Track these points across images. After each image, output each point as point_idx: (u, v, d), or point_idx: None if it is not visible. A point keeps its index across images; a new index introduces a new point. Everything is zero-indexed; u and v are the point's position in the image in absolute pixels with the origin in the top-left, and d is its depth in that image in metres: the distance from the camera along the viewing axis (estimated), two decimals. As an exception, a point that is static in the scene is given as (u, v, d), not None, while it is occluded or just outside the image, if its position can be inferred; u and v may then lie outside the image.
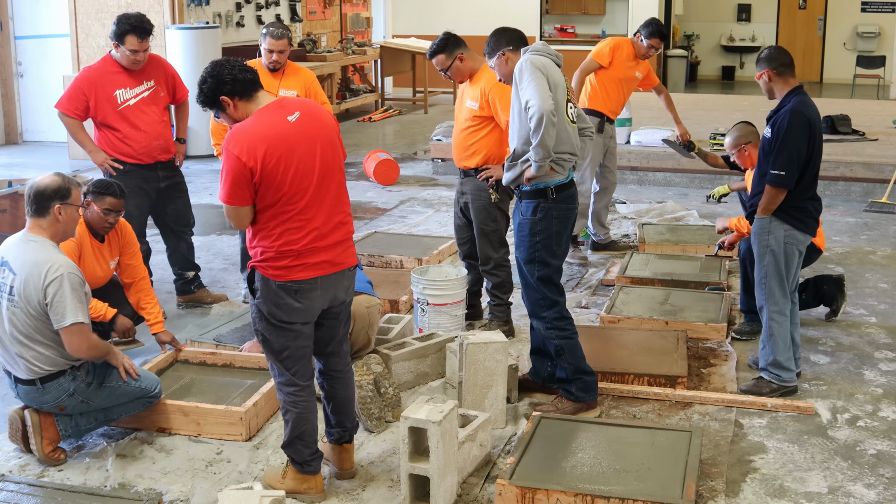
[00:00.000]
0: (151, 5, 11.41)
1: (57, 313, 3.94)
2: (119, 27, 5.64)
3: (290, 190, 3.51)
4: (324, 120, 3.68)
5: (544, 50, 4.48)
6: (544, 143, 4.26)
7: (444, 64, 5.30)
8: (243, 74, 3.56)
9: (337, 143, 3.72)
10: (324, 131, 3.64)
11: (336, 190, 3.67)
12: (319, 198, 3.59)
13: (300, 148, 3.53)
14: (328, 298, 3.71)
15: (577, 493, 3.61)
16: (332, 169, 3.64)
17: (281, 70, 6.21)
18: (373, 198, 9.33)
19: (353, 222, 3.86)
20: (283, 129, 3.52)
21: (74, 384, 4.09)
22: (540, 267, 4.44)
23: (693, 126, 11.27)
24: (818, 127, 4.66)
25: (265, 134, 3.48)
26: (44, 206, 4.07)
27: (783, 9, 20.50)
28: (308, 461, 3.82)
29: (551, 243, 4.44)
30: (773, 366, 4.75)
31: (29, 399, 4.12)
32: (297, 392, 3.76)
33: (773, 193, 4.62)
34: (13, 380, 4.12)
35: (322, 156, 3.60)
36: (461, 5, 17.76)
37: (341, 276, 3.72)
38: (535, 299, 4.49)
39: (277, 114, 3.55)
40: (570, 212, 4.50)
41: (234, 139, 3.49)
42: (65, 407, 4.12)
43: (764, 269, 4.73)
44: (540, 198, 4.41)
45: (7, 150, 12.05)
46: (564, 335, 4.48)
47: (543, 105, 4.23)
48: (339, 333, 3.88)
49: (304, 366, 3.76)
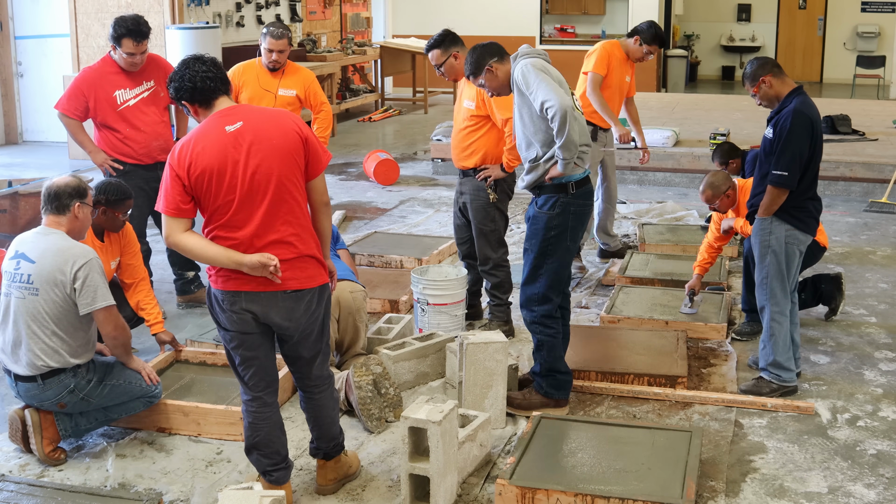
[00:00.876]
0: (151, 5, 11.41)
1: (87, 297, 4.03)
2: (115, 30, 5.64)
3: (218, 201, 3.44)
4: (276, 132, 3.49)
5: (534, 52, 4.49)
6: (571, 139, 4.25)
7: (439, 59, 5.31)
8: (204, 83, 3.49)
9: (291, 158, 3.49)
10: (270, 143, 3.46)
11: (275, 206, 3.47)
12: (247, 211, 3.44)
13: (230, 159, 3.41)
14: (264, 317, 3.53)
15: (577, 493, 3.61)
16: (268, 183, 3.44)
17: (281, 70, 6.24)
18: (373, 198, 9.33)
19: (355, 222, 3.82)
20: (216, 138, 3.43)
21: (75, 381, 4.10)
22: (551, 261, 4.43)
23: (693, 126, 11.30)
24: (819, 127, 4.66)
25: (195, 143, 3.44)
26: (64, 203, 4.17)
27: (783, 9, 20.49)
28: (269, 471, 3.72)
29: (566, 238, 4.43)
30: (773, 366, 4.75)
31: (29, 397, 4.12)
32: (249, 402, 3.68)
33: (774, 194, 4.62)
34: (13, 378, 4.13)
35: (258, 169, 3.43)
36: (461, 5, 17.75)
37: (273, 297, 3.50)
38: (532, 292, 4.48)
39: (218, 123, 3.47)
40: (588, 208, 4.52)
41: (174, 148, 3.49)
42: (65, 404, 4.13)
43: (765, 269, 4.73)
44: (560, 193, 4.39)
45: (7, 150, 12.05)
46: (549, 333, 4.50)
47: (563, 102, 4.22)
48: (303, 356, 3.70)
49: (255, 375, 3.64)
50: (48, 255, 4.06)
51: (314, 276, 3.59)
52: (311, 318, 3.62)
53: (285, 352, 3.71)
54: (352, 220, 8.36)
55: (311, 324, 3.63)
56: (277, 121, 3.53)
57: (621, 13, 18.37)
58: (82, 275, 4.02)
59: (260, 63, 6.32)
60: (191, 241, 3.47)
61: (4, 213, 6.57)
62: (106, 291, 4.09)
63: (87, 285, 4.02)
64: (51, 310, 4.04)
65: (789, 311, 4.77)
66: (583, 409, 4.65)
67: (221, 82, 3.53)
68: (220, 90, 3.52)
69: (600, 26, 18.95)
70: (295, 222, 3.53)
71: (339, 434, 3.91)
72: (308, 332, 3.64)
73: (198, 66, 3.50)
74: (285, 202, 3.49)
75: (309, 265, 3.57)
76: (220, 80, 3.52)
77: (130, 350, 4.29)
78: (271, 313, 3.53)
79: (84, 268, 4.03)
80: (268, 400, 3.69)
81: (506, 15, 17.09)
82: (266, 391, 3.68)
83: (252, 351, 3.60)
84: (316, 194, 3.65)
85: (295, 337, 3.63)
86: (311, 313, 3.60)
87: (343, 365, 4.87)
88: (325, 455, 3.89)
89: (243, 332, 3.57)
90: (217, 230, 3.49)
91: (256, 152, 3.44)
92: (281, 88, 6.25)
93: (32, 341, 4.05)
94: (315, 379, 3.77)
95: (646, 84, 17.11)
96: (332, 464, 3.90)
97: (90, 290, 4.03)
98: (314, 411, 3.83)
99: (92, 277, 4.03)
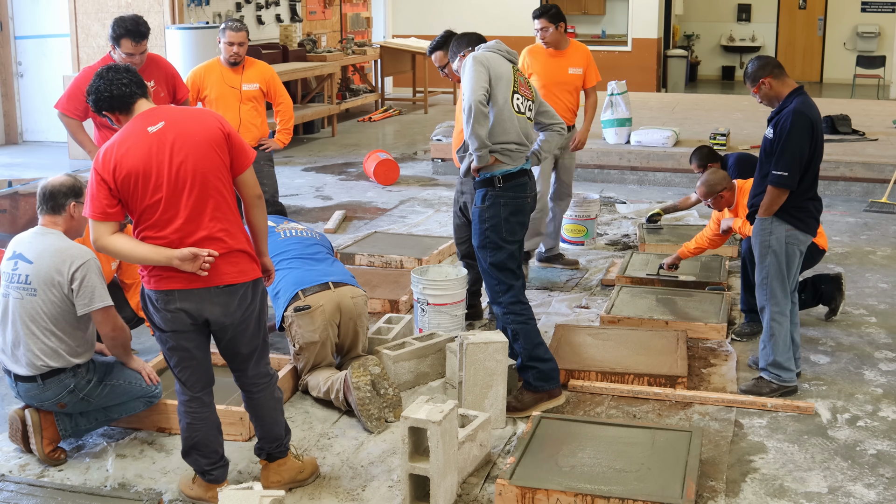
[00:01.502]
0: (151, 5, 11.41)
1: (85, 297, 4.03)
2: (114, 31, 5.65)
3: (146, 202, 3.49)
4: (198, 129, 3.54)
5: (495, 47, 4.62)
6: (475, 132, 4.40)
7: (443, 61, 5.34)
8: (120, 90, 3.54)
9: (214, 154, 3.54)
10: (192, 141, 3.50)
11: (201, 202, 3.51)
12: (174, 209, 3.49)
13: (154, 159, 3.46)
14: (199, 313, 3.57)
15: (577, 493, 3.61)
16: (193, 179, 3.49)
17: (241, 65, 6.45)
18: (373, 198, 9.33)
19: (355, 222, 3.85)
20: (139, 140, 3.49)
21: (75, 380, 4.10)
22: (491, 252, 4.54)
23: (693, 126, 11.30)
24: (820, 128, 4.66)
25: (119, 146, 3.49)
26: (59, 203, 4.17)
27: (783, 9, 20.50)
28: (207, 471, 3.77)
29: (501, 230, 4.53)
30: (773, 366, 4.75)
31: (29, 397, 4.12)
32: (186, 402, 3.72)
33: (775, 194, 4.62)
34: (13, 378, 4.12)
35: (182, 166, 3.47)
36: (461, 5, 17.76)
37: (206, 292, 3.54)
38: (492, 285, 4.60)
39: (140, 125, 3.52)
40: (521, 200, 4.59)
41: (98, 152, 3.54)
42: (65, 404, 4.13)
43: (765, 269, 4.73)
44: (488, 186, 4.54)
45: (7, 150, 12.05)
46: (520, 320, 4.54)
47: (473, 96, 4.38)
48: (241, 352, 3.73)
49: (191, 376, 3.69)
50: (46, 256, 4.06)
51: (246, 271, 3.62)
52: (247, 313, 3.65)
53: (222, 349, 3.74)
54: (352, 220, 8.36)
55: (247, 318, 3.66)
56: (199, 119, 3.59)
57: (621, 13, 18.38)
58: (80, 275, 4.02)
59: (219, 61, 6.45)
60: (119, 243, 3.50)
61: (4, 213, 6.57)
62: (104, 292, 4.09)
63: (84, 286, 4.02)
64: (49, 310, 4.04)
65: (789, 312, 4.77)
66: (583, 409, 4.65)
67: (137, 86, 3.58)
68: (136, 94, 3.58)
69: (600, 26, 18.96)
70: (223, 218, 3.56)
71: (284, 435, 3.92)
72: (244, 328, 3.67)
73: (111, 75, 3.56)
74: (211, 198, 3.53)
75: (241, 259, 3.61)
76: (135, 84, 3.58)
77: (130, 350, 4.29)
78: (205, 309, 3.57)
79: (82, 268, 4.02)
80: (206, 400, 3.75)
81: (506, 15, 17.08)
82: (203, 391, 3.74)
83: (187, 351, 3.65)
84: (246, 188, 3.68)
85: (229, 333, 3.66)
86: (245, 307, 3.63)
87: (342, 366, 4.87)
88: (269, 456, 3.90)
89: (178, 332, 3.60)
90: (146, 230, 3.52)
91: (179, 150, 3.49)
92: (244, 83, 6.45)
93: (31, 341, 4.04)
94: (252, 377, 3.80)
95: (646, 84, 17.13)
96: (276, 466, 3.90)
97: (88, 291, 4.03)
98: (255, 410, 3.86)
99: (90, 278, 4.03)
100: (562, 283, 6.56)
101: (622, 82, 10.35)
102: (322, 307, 4.65)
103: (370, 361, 4.56)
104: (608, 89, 10.29)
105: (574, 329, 5.48)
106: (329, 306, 4.67)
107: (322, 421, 4.51)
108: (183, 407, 3.74)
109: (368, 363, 4.55)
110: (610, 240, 7.73)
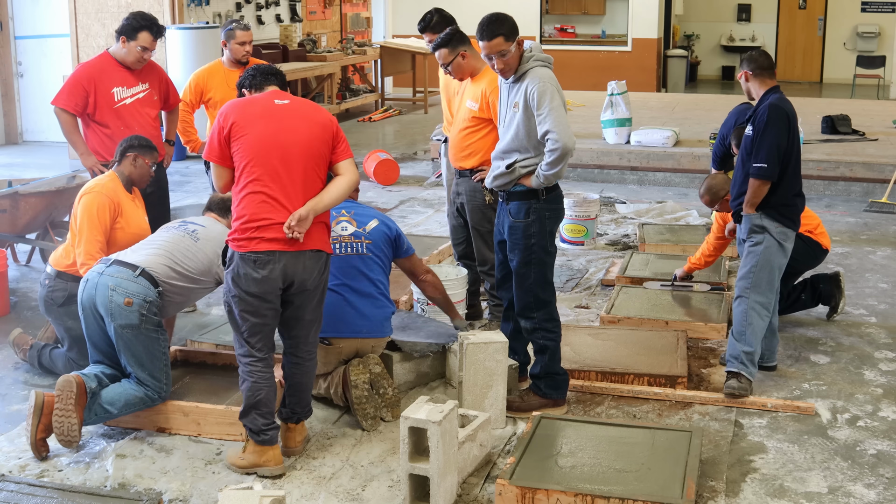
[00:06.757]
0: (151, 5, 11.41)
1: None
2: (135, 22, 5.65)
3: (251, 157, 3.86)
4: (315, 115, 4.03)
5: (547, 59, 4.44)
6: (559, 175, 4.32)
7: (447, 59, 5.27)
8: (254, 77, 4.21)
9: (322, 139, 3.99)
10: (308, 121, 3.98)
11: (306, 175, 3.93)
12: (284, 175, 3.87)
13: (271, 123, 3.90)
14: (287, 276, 3.88)
15: (577, 493, 3.61)
16: (304, 155, 3.92)
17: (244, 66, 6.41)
18: (373, 198, 9.33)
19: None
20: (261, 104, 3.98)
21: (152, 303, 4.25)
22: (537, 269, 4.44)
23: (693, 126, 11.30)
24: (796, 122, 4.74)
25: (244, 106, 3.97)
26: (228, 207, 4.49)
27: (783, 9, 20.50)
28: (263, 430, 3.97)
29: (546, 243, 4.45)
30: (747, 356, 4.71)
31: (110, 278, 4.22)
32: (252, 363, 3.96)
33: (756, 186, 4.66)
34: (110, 261, 4.33)
35: (297, 140, 3.91)
36: (461, 5, 17.68)
37: (300, 255, 3.89)
38: (527, 301, 4.48)
39: (269, 97, 4.04)
40: (561, 210, 4.56)
41: (224, 106, 4.03)
42: (132, 301, 4.19)
43: (750, 262, 4.75)
44: (531, 199, 4.41)
45: (7, 150, 12.05)
46: (551, 337, 4.51)
47: (569, 143, 4.24)
48: (305, 318, 4.04)
49: (262, 339, 3.96)
50: (215, 231, 4.59)
51: (328, 243, 4.05)
52: (320, 280, 4.02)
53: (288, 316, 4.02)
54: (352, 220, 8.34)
55: (320, 287, 4.04)
56: (317, 107, 4.12)
57: (621, 13, 18.37)
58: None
59: (221, 63, 6.39)
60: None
61: (4, 213, 6.56)
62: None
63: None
64: (190, 260, 4.43)
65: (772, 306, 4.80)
66: (583, 409, 4.65)
67: (276, 77, 4.23)
68: (270, 81, 4.19)
69: (600, 26, 18.95)
70: (316, 190, 3.97)
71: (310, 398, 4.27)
72: (314, 295, 4.01)
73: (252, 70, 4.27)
74: (312, 170, 3.97)
75: (324, 232, 4.02)
76: (272, 74, 4.24)
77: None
78: (297, 272, 3.89)
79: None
80: (270, 362, 4.02)
81: (506, 15, 17.07)
82: (270, 353, 4.02)
83: (268, 315, 3.93)
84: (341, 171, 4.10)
85: (302, 298, 3.98)
86: (321, 275, 4.01)
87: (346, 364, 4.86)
88: (298, 419, 4.18)
89: (262, 298, 3.87)
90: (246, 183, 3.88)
91: (301, 126, 3.94)
92: None
93: (165, 262, 4.36)
94: (310, 344, 4.12)
95: (646, 84, 17.12)
96: (300, 427, 4.22)
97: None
98: (300, 377, 4.14)
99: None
100: (561, 284, 6.56)
101: (622, 82, 10.35)
102: (341, 349, 4.62)
103: (371, 360, 4.56)
104: (608, 89, 10.29)
105: (574, 329, 5.48)
106: (348, 349, 4.63)
107: (322, 421, 4.51)
108: (248, 368, 3.96)
109: (370, 361, 4.54)
110: (610, 240, 7.73)
